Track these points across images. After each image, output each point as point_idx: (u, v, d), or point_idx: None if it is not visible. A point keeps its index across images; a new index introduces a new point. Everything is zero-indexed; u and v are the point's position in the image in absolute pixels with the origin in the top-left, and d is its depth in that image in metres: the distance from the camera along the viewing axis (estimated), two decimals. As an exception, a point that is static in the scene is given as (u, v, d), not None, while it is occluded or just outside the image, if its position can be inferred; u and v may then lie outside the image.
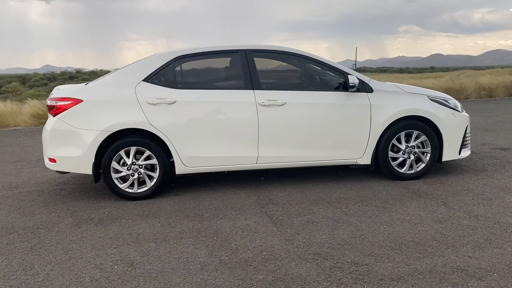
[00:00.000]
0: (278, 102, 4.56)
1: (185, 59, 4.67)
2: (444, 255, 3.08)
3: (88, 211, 4.30)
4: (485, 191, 4.41)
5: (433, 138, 4.78)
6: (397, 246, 3.25)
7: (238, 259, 3.15)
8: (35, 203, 4.61)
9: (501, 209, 3.91)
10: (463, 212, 3.88)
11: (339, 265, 3.00)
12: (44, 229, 3.90)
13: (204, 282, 2.85)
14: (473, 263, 2.94)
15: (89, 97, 4.48)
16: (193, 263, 3.11)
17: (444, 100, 4.90)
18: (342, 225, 3.70)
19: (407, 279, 2.78)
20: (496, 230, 3.46)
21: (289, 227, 3.70)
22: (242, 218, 3.96)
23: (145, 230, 3.77)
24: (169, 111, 4.46)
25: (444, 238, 3.35)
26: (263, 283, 2.80)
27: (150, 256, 3.25)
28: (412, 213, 3.90)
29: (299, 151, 4.67)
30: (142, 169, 4.52)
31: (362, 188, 4.66)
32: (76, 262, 3.21)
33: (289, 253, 3.21)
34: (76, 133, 4.41)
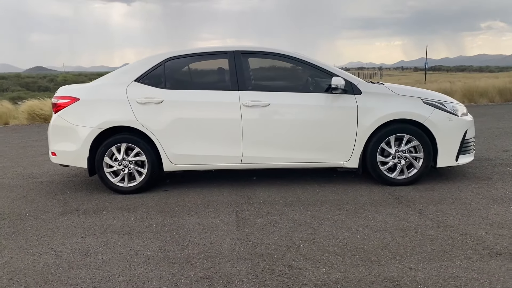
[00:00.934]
0: (262, 103, 4.60)
1: (175, 61, 4.85)
2: (385, 264, 3.00)
3: (80, 202, 4.61)
4: (474, 201, 4.17)
5: (426, 143, 4.59)
6: (343, 252, 3.20)
7: (181, 255, 3.26)
8: (40, 193, 5.01)
9: (478, 220, 3.70)
10: (435, 221, 3.71)
11: (273, 267, 3.02)
12: (33, 216, 4.24)
13: (138, 274, 2.99)
14: (409, 275, 2.84)
15: (85, 96, 4.79)
16: (139, 256, 3.27)
17: (440, 103, 4.67)
18: (301, 228, 3.69)
19: (331, 286, 2.75)
20: (456, 243, 3.29)
21: (249, 227, 3.75)
22: (211, 215, 4.06)
23: (117, 222, 3.99)
24: (156, 110, 4.66)
25: (396, 247, 3.25)
26: (190, 280, 2.89)
27: (106, 247, 3.45)
28: (380, 220, 3.79)
29: (284, 153, 4.68)
30: (132, 165, 4.75)
31: (346, 192, 4.58)
32: (41, 248, 3.48)
33: (232, 252, 3.27)
34: (73, 129, 4.73)
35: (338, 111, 4.59)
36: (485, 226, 3.56)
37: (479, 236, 3.39)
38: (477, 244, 3.24)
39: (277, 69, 4.99)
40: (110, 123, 4.67)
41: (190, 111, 4.66)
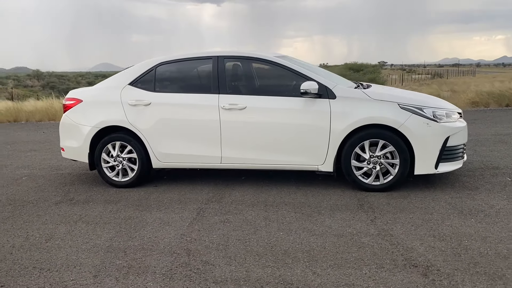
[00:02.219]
0: (238, 106, 4.81)
1: (166, 66, 5.21)
2: (293, 268, 3.10)
3: (77, 193, 5.15)
4: (437, 212, 4.04)
5: (402, 149, 4.49)
6: (263, 253, 3.34)
7: (123, 246, 3.60)
8: (54, 183, 5.65)
9: (424, 231, 3.61)
10: (379, 230, 3.69)
11: (190, 262, 3.25)
12: (33, 204, 4.84)
13: (76, 259, 3.38)
14: (307, 279, 2.92)
15: (87, 98, 5.33)
16: (88, 244, 3.67)
17: (419, 108, 4.53)
18: (246, 227, 3.86)
19: (228, 283, 2.92)
20: (382, 252, 3.28)
21: (200, 224, 4.00)
22: (176, 211, 4.36)
23: (93, 213, 4.44)
24: (145, 112, 5.06)
25: (318, 252, 3.32)
26: (113, 267, 3.22)
27: (68, 235, 3.90)
28: (326, 225, 3.85)
29: (260, 154, 4.84)
30: (125, 161, 5.20)
31: (316, 195, 4.63)
32: (18, 231, 4.03)
33: (166, 246, 3.55)
34: (77, 128, 5.30)
35: (312, 115, 4.65)
36: (425, 238, 3.48)
37: (410, 247, 3.33)
38: (401, 255, 3.20)
39: (257, 73, 5.13)
40: (106, 122, 5.15)
41: (174, 112, 4.99)
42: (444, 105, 4.86)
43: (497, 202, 4.17)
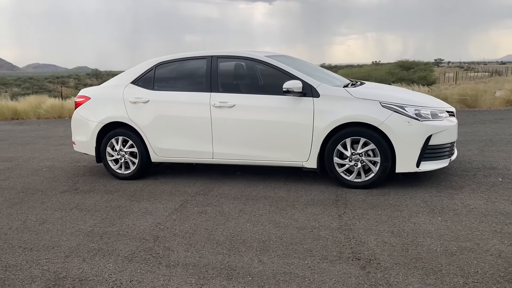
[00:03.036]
0: (228, 104, 5.04)
1: (164, 65, 5.53)
2: (243, 255, 3.29)
3: (84, 184, 5.57)
4: (410, 209, 4.07)
5: (383, 147, 4.55)
6: (223, 242, 3.55)
7: (102, 231, 3.93)
8: (68, 174, 6.13)
9: (384, 227, 3.68)
10: (342, 224, 3.80)
11: (154, 248, 3.52)
12: (42, 192, 5.30)
13: (57, 241, 3.74)
14: (250, 266, 3.11)
15: (94, 95, 5.76)
16: (73, 229, 4.03)
17: (400, 107, 4.56)
18: (218, 218, 4.08)
19: (177, 268, 3.17)
20: (333, 245, 3.39)
21: (179, 214, 4.27)
22: (163, 202, 4.66)
23: (90, 201, 4.83)
24: (143, 109, 5.40)
25: (274, 242, 3.48)
26: (85, 249, 3.55)
27: (60, 220, 4.29)
28: (294, 218, 3.99)
29: (249, 150, 5.05)
30: (127, 155, 5.58)
31: (297, 190, 4.77)
32: (20, 216, 4.46)
33: (138, 233, 3.85)
34: (86, 123, 5.73)
35: (296, 113, 4.79)
36: (382, 233, 3.55)
37: (363, 241, 3.43)
38: (350, 248, 3.31)
39: (248, 72, 5.32)
40: (109, 118, 5.54)
41: (169, 110, 5.30)
42: (431, 104, 4.84)
43: (474, 202, 4.14)
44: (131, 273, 3.10)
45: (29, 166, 6.79)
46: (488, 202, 4.12)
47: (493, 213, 3.83)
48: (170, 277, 3.02)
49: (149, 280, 2.99)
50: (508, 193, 4.33)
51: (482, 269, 2.89)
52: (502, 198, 4.19)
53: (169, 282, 2.95)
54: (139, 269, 3.16)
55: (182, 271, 3.09)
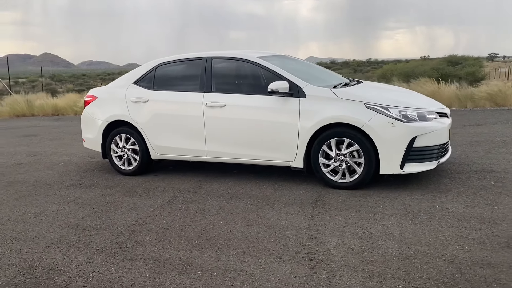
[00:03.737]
0: (219, 104, 5.19)
1: (164, 66, 5.74)
2: (203, 252, 3.43)
3: (90, 178, 5.88)
4: (385, 211, 4.06)
5: (367, 148, 4.55)
6: (188, 239, 3.70)
7: (87, 224, 4.19)
8: (79, 170, 6.49)
9: (352, 229, 3.71)
10: (310, 224, 3.85)
11: (126, 241, 3.73)
12: (49, 186, 5.67)
13: (45, 232, 4.03)
14: (207, 262, 3.24)
15: (101, 95, 6.07)
16: (63, 221, 4.31)
17: (384, 108, 4.54)
18: (196, 215, 4.22)
19: (139, 261, 3.35)
20: (292, 244, 3.46)
21: (162, 210, 4.46)
22: (152, 198, 4.87)
23: (88, 196, 5.12)
24: (143, 108, 5.65)
25: (236, 240, 3.60)
26: (65, 241, 3.80)
27: (55, 212, 4.58)
28: (267, 217, 4.08)
29: (239, 149, 5.18)
30: (129, 152, 5.86)
31: (285, 190, 4.84)
32: (22, 207, 4.81)
33: (118, 227, 4.07)
34: (93, 121, 6.06)
35: (283, 113, 4.87)
36: (346, 235, 3.58)
37: (323, 242, 3.48)
38: (307, 249, 3.37)
39: (240, 73, 5.41)
40: (113, 117, 5.83)
41: (166, 109, 5.52)
42: (420, 105, 4.77)
43: (454, 206, 4.07)
44: (96, 265, 3.31)
45: (49, 160, 7.21)
46: (469, 206, 4.04)
47: (467, 218, 3.76)
48: (129, 270, 3.21)
49: (108, 272, 3.19)
50: (493, 197, 4.22)
51: (428, 274, 2.88)
52: (485, 203, 4.09)
53: (126, 275, 3.13)
54: (105, 261, 3.36)
55: (142, 265, 3.27)
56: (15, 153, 8.07)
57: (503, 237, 3.35)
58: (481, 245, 3.25)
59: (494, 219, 3.71)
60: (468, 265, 2.97)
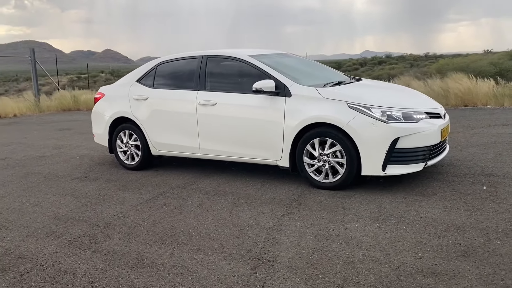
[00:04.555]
0: (211, 102, 5.29)
1: (164, 64, 5.91)
2: (162, 247, 3.54)
3: (96, 172, 6.17)
4: (357, 214, 3.98)
5: (348, 148, 4.49)
6: (156, 233, 3.83)
7: (72, 216, 4.42)
8: (91, 163, 6.81)
9: (314, 231, 3.68)
10: (275, 224, 3.85)
11: (97, 234, 3.92)
12: (57, 178, 6.01)
13: (33, 222, 4.31)
14: (160, 257, 3.35)
15: (108, 92, 6.35)
16: (54, 212, 4.57)
17: (366, 108, 4.44)
18: (172, 211, 4.34)
19: (99, 252, 3.52)
20: (247, 243, 3.49)
21: (145, 205, 4.62)
22: (143, 193, 5.04)
23: (87, 189, 5.39)
24: (143, 105, 5.86)
25: (197, 237, 3.68)
26: (42, 232, 4.05)
27: (50, 204, 4.86)
28: (238, 215, 4.13)
29: (229, 147, 5.26)
30: (132, 148, 6.10)
31: (269, 189, 4.84)
32: (24, 198, 5.14)
33: (97, 219, 4.26)
34: (101, 117, 6.35)
35: (270, 111, 4.88)
36: (305, 236, 3.57)
37: (279, 243, 3.48)
38: (254, 248, 3.39)
39: (232, 71, 5.45)
40: (117, 114, 6.09)
41: (164, 106, 5.68)
42: (409, 105, 4.62)
43: (430, 211, 3.93)
44: (60, 255, 3.51)
45: (69, 154, 7.61)
46: (446, 211, 3.89)
47: (437, 224, 3.63)
48: (87, 261, 3.38)
49: (68, 262, 3.37)
50: (477, 203, 4.03)
51: (366, 280, 2.83)
52: (464, 209, 3.92)
53: (82, 266, 3.30)
54: (69, 252, 3.56)
55: (100, 257, 3.43)
56: (44, 146, 8.57)
57: (464, 246, 3.21)
58: (436, 252, 3.13)
59: (465, 226, 3.55)
60: (411, 272, 2.88)
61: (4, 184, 5.82)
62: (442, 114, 4.76)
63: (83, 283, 3.04)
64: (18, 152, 8.02)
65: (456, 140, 6.67)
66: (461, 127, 7.73)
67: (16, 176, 6.21)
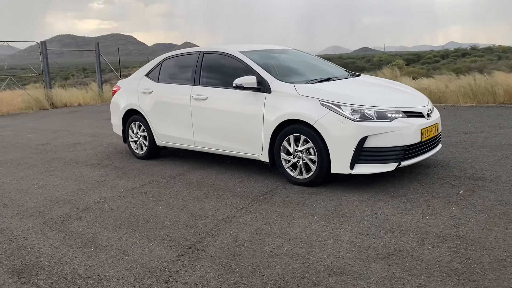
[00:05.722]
0: (202, 97, 5.53)
1: (169, 60, 6.24)
2: (110, 232, 3.85)
3: (110, 159, 6.64)
4: (310, 211, 4.00)
5: (319, 146, 4.52)
6: (118, 218, 4.13)
7: (61, 199, 4.87)
8: (112, 151, 7.32)
9: (259, 224, 3.78)
10: (229, 216, 4.02)
11: (73, 216, 4.30)
12: (75, 164, 6.56)
13: (22, 201, 4.83)
14: (100, 238, 3.68)
15: (123, 86, 6.81)
16: (47, 195, 5.05)
17: (337, 105, 4.43)
18: (148, 200, 4.62)
19: (59, 233, 3.92)
20: (186, 230, 3.70)
21: (129, 192, 4.95)
22: (136, 181, 5.38)
23: (91, 174, 5.87)
24: (149, 98, 6.23)
25: (150, 224, 3.93)
26: (32, 211, 4.52)
27: (53, 187, 5.38)
28: (200, 207, 4.31)
29: (218, 141, 5.47)
30: (141, 138, 6.51)
31: (249, 183, 4.96)
32: (34, 180, 5.72)
33: (76, 203, 4.65)
34: (117, 109, 6.84)
35: (252, 107, 5.01)
36: (243, 228, 3.68)
37: (216, 233, 3.64)
38: (193, 238, 3.58)
39: (223, 67, 5.58)
40: (128, 106, 6.52)
41: (165, 100, 6.01)
42: (387, 103, 4.52)
43: (385, 212, 3.87)
44: (30, 233, 3.93)
45: (99, 142, 8.23)
46: (401, 214, 3.82)
47: (382, 225, 3.59)
48: (48, 239, 3.76)
49: (32, 239, 3.78)
50: (439, 207, 3.91)
51: (271, 273, 2.91)
52: (422, 212, 3.82)
53: (40, 243, 3.68)
54: (39, 230, 3.97)
55: (60, 237, 3.80)
56: (84, 134, 9.29)
57: (391, 249, 3.17)
58: (358, 253, 3.13)
59: (409, 229, 3.48)
60: (319, 270, 2.92)
61: (30, 167, 6.45)
62: (425, 113, 4.60)
63: (32, 258, 3.41)
64: (59, 139, 8.77)
65: (472, 140, 6.35)
66: (489, 126, 7.30)
67: (43, 160, 6.85)
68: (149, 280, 2.94)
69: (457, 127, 7.44)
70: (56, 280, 3.03)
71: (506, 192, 4.14)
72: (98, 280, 2.99)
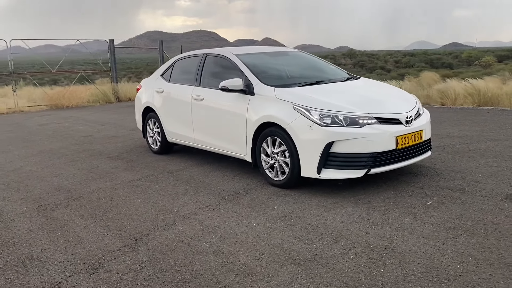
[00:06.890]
0: (200, 98, 5.82)
1: (180, 61, 6.59)
2: (90, 224, 4.27)
3: (129, 153, 7.11)
4: (265, 211, 4.10)
5: (291, 149, 4.62)
6: (101, 208, 4.54)
7: (66, 187, 5.40)
8: (136, 145, 7.84)
9: (210, 223, 3.98)
10: (191, 212, 4.24)
11: (62, 204, 4.80)
12: (99, 155, 7.13)
13: (26, 185, 5.44)
14: (74, 226, 4.10)
15: (144, 85, 7.29)
16: (56, 183, 5.63)
17: (307, 110, 4.49)
18: (134, 193, 4.97)
19: (45, 218, 4.40)
20: (139, 223, 4.02)
21: (122, 184, 5.36)
22: (137, 174, 5.79)
23: (103, 166, 6.39)
24: (161, 97, 6.65)
25: (121, 215, 4.26)
26: (32, 197, 5.09)
27: (67, 175, 5.97)
28: (179, 204, 4.57)
29: (213, 140, 5.73)
30: (155, 135, 6.97)
31: (234, 182, 5.13)
32: (55, 170, 6.36)
33: (74, 193, 5.17)
34: (139, 105, 7.35)
35: (238, 109, 5.20)
36: (194, 225, 3.89)
37: (167, 228, 3.90)
38: (147, 230, 3.86)
39: (220, 68, 5.78)
40: (145, 104, 6.98)
41: (172, 99, 6.38)
42: (361, 109, 4.47)
43: (336, 218, 3.88)
44: (21, 216, 4.44)
45: (132, 136, 8.81)
46: (349, 222, 3.81)
47: (322, 232, 3.62)
48: (30, 223, 4.23)
49: (17, 222, 4.28)
50: (393, 217, 3.84)
51: (186, 269, 3.11)
52: (372, 221, 3.79)
53: (22, 225, 4.17)
54: (29, 214, 4.47)
55: (40, 222, 4.26)
56: (125, 127, 9.95)
57: (312, 255, 3.22)
58: (278, 256, 3.22)
59: (343, 237, 3.49)
60: (229, 269, 3.06)
61: (60, 156, 7.14)
62: (403, 120, 4.49)
63: (7, 238, 3.89)
64: (103, 131, 9.51)
65: (488, 148, 6.03)
66: (517, 134, 6.82)
67: (75, 151, 7.52)
68: (82, 266, 3.26)
69: (484, 134, 7.03)
70: (12, 259, 3.45)
71: (474, 206, 3.96)
72: (43, 262, 3.36)
